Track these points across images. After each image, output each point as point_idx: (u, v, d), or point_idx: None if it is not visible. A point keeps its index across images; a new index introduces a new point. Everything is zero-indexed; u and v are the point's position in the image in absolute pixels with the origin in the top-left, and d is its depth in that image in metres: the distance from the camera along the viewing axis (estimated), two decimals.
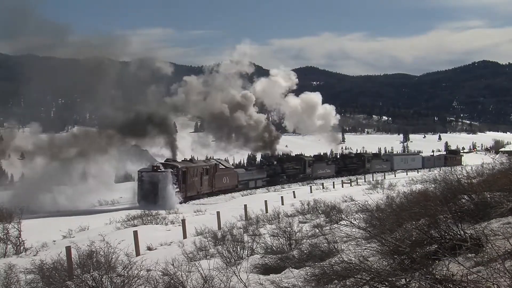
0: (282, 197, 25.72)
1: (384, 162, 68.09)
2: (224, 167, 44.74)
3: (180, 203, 34.07)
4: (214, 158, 54.26)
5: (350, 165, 61.72)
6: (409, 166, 67.55)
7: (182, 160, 40.70)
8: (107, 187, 38.55)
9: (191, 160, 41.62)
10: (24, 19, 40.92)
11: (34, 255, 13.53)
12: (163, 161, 38.41)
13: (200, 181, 39.30)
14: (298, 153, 65.41)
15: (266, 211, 19.78)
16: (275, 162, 53.78)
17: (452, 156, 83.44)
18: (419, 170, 60.37)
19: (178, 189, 35.30)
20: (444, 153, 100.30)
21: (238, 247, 10.15)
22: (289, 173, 52.18)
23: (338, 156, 68.01)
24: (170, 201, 32.62)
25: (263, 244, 10.33)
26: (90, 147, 37.75)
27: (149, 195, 33.71)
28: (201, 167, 40.01)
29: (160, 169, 35.04)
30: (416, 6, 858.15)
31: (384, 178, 42.32)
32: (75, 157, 37.45)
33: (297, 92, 66.35)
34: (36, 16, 43.80)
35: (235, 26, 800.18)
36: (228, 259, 9.74)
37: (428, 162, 73.10)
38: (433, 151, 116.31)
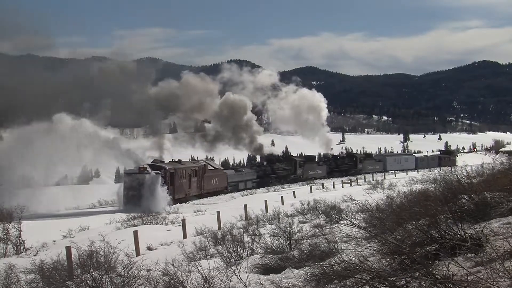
0: (282, 197, 25.72)
1: (377, 162, 67.17)
2: (213, 168, 43.28)
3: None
4: (209, 158, 53.84)
5: (342, 166, 60.84)
6: (402, 167, 66.75)
7: (170, 161, 38.91)
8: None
9: (179, 161, 39.42)
10: None
11: (34, 255, 13.52)
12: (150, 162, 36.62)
13: (188, 183, 37.82)
14: (291, 154, 65.04)
15: (266, 211, 19.78)
16: (265, 163, 52.80)
17: (446, 157, 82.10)
18: (413, 170, 59.78)
19: (166, 192, 33.77)
20: (438, 153, 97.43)
21: (238, 247, 10.15)
22: (279, 174, 51.03)
23: (330, 157, 66.39)
24: (157, 205, 30.99)
25: (263, 244, 10.32)
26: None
27: (135, 198, 32.04)
28: (190, 168, 38.50)
29: (147, 171, 33.64)
30: (416, 6, 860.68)
31: (384, 178, 42.33)
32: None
33: None
34: None
35: (235, 26, 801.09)
36: (228, 259, 9.74)
37: (422, 163, 72.25)
38: (427, 152, 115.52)
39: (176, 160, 39.43)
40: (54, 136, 34.22)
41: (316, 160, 63.96)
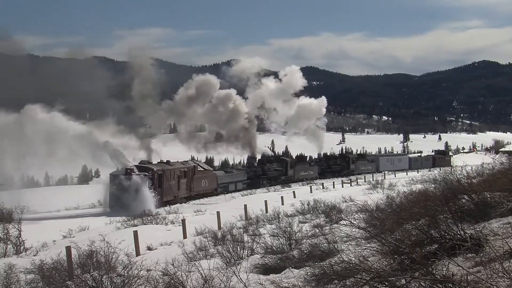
0: (282, 197, 25.74)
1: (370, 163, 66.13)
2: (202, 169, 42.09)
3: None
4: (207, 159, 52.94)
5: (333, 166, 59.94)
6: (396, 167, 65.80)
7: (158, 162, 37.56)
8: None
9: (168, 162, 38.09)
10: None
11: (34, 255, 13.54)
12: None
13: (177, 185, 36.81)
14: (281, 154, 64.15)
15: (266, 211, 19.78)
16: (255, 164, 51.85)
17: (441, 157, 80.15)
18: (409, 171, 59.06)
19: (153, 194, 32.67)
20: (433, 153, 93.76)
21: (238, 247, 10.15)
22: (270, 175, 49.75)
23: (322, 157, 64.97)
24: (143, 208, 28.81)
25: (263, 244, 10.33)
26: None
27: (121, 200, 30.83)
28: (179, 169, 37.41)
29: (134, 172, 32.62)
30: (416, 6, 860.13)
31: (384, 178, 42.36)
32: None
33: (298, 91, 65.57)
34: None
35: (235, 26, 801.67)
36: (228, 259, 9.74)
37: (416, 163, 71.16)
38: (421, 152, 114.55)
39: (165, 161, 38.20)
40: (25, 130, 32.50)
41: (308, 160, 62.75)
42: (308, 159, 66.69)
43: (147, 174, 33.37)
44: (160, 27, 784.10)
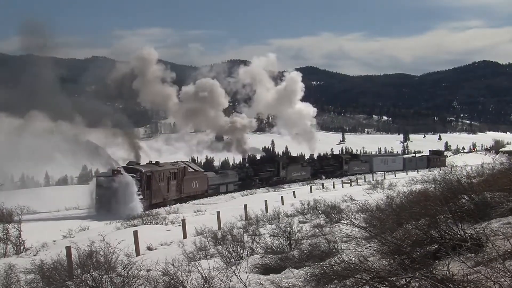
0: (282, 197, 25.76)
1: (363, 163, 65.25)
2: (193, 170, 41.28)
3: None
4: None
5: (326, 167, 59.22)
6: (389, 168, 65.12)
7: (147, 163, 36.56)
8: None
9: (157, 162, 37.05)
10: None
11: (34, 255, 13.54)
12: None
13: (167, 187, 35.89)
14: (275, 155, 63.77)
15: (266, 211, 19.79)
16: (247, 165, 51.28)
17: (436, 157, 78.86)
18: (406, 171, 58.64)
19: (141, 196, 31.87)
20: (427, 153, 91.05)
21: (238, 247, 10.14)
22: (262, 176, 49.06)
23: (315, 157, 63.81)
24: (131, 210, 28.59)
25: (263, 244, 10.32)
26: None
27: (108, 202, 30.12)
28: (168, 170, 36.44)
29: (121, 174, 31.68)
30: (416, 6, 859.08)
31: (384, 178, 42.37)
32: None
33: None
34: None
35: (235, 26, 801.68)
36: (228, 259, 9.73)
37: (410, 164, 70.34)
38: (415, 152, 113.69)
39: (154, 162, 37.19)
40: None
41: (301, 161, 61.90)
42: (302, 160, 66.10)
43: (134, 175, 32.38)
44: (160, 27, 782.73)
